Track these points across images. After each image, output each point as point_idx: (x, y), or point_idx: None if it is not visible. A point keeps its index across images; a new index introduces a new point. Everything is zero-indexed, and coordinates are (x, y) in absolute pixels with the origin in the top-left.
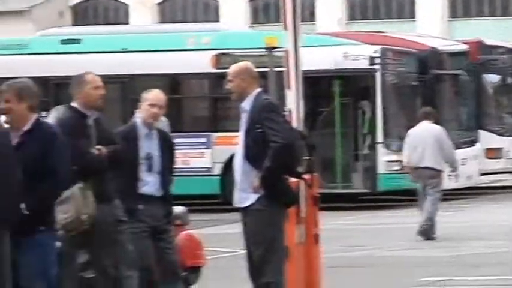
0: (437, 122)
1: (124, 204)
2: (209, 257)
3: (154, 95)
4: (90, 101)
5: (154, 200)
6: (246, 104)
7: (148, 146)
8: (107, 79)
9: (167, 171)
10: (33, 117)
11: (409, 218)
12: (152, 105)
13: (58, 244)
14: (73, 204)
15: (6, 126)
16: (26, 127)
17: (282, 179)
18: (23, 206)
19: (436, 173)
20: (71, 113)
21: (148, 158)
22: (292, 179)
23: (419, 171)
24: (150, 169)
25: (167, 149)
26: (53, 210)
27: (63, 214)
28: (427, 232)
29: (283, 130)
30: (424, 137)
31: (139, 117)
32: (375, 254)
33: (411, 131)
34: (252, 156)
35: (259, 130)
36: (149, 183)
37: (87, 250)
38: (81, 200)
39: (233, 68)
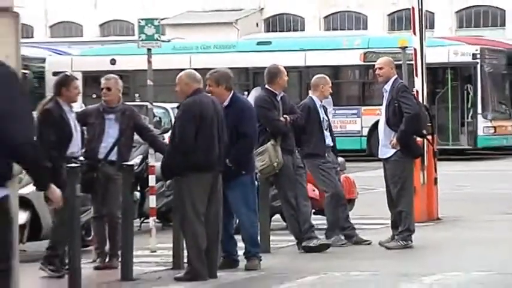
0: None
1: (313, 149)
2: (360, 193)
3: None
4: (282, 85)
5: (330, 148)
6: (387, 86)
7: (322, 112)
8: (289, 69)
9: (331, 129)
10: (230, 94)
11: (501, 166)
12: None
13: (256, 183)
14: (268, 156)
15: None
16: (226, 103)
17: (412, 139)
18: (227, 160)
19: None
20: (266, 93)
21: (324, 120)
22: (419, 139)
23: None
24: (326, 128)
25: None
26: (252, 160)
27: (261, 162)
28: None
29: (413, 104)
30: None
31: (312, 94)
32: (477, 191)
33: None
34: (391, 122)
35: (396, 104)
36: (327, 137)
37: (276, 187)
38: (273, 152)
39: (383, 60)
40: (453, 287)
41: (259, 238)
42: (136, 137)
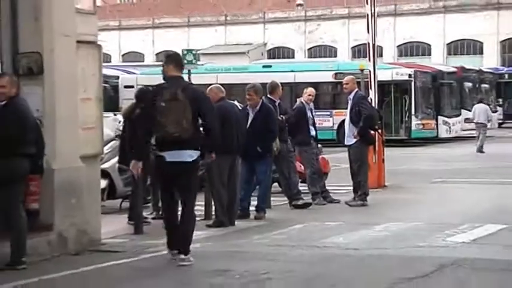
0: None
1: (302, 139)
2: (332, 168)
3: (311, 90)
4: (279, 95)
5: (313, 138)
6: (351, 96)
7: (309, 113)
8: (284, 84)
9: (315, 125)
10: (260, 101)
11: (427, 151)
12: (309, 94)
13: None
14: None
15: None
16: (257, 107)
17: (368, 132)
18: (258, 147)
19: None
20: (268, 100)
21: (309, 119)
22: (372, 132)
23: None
24: (312, 124)
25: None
26: (272, 146)
27: None
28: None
29: (369, 108)
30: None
31: (301, 101)
32: (412, 167)
33: (475, 106)
34: (354, 120)
35: (357, 108)
36: (312, 131)
37: (275, 164)
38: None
39: (348, 78)
40: (395, 232)
41: None
42: None
